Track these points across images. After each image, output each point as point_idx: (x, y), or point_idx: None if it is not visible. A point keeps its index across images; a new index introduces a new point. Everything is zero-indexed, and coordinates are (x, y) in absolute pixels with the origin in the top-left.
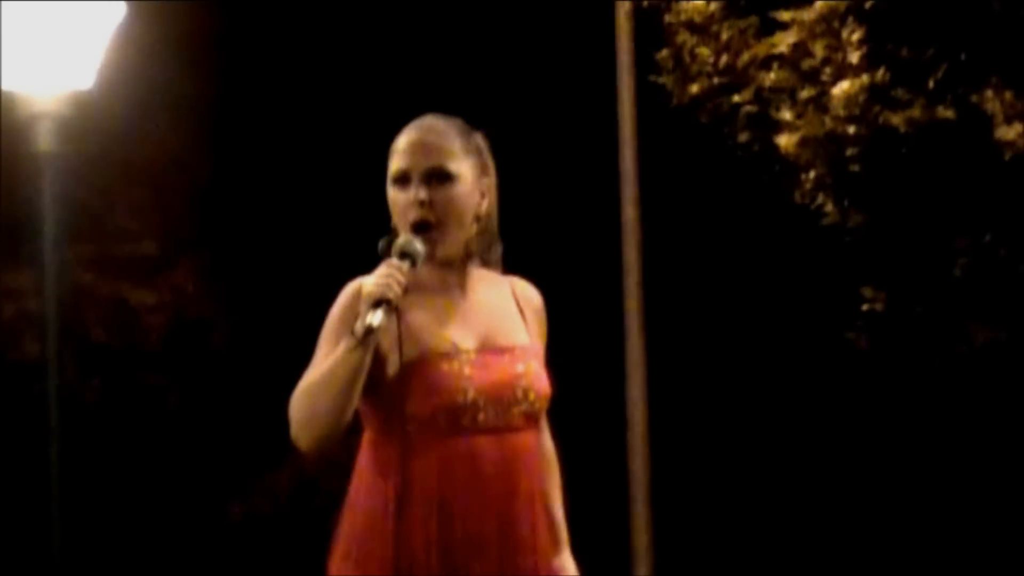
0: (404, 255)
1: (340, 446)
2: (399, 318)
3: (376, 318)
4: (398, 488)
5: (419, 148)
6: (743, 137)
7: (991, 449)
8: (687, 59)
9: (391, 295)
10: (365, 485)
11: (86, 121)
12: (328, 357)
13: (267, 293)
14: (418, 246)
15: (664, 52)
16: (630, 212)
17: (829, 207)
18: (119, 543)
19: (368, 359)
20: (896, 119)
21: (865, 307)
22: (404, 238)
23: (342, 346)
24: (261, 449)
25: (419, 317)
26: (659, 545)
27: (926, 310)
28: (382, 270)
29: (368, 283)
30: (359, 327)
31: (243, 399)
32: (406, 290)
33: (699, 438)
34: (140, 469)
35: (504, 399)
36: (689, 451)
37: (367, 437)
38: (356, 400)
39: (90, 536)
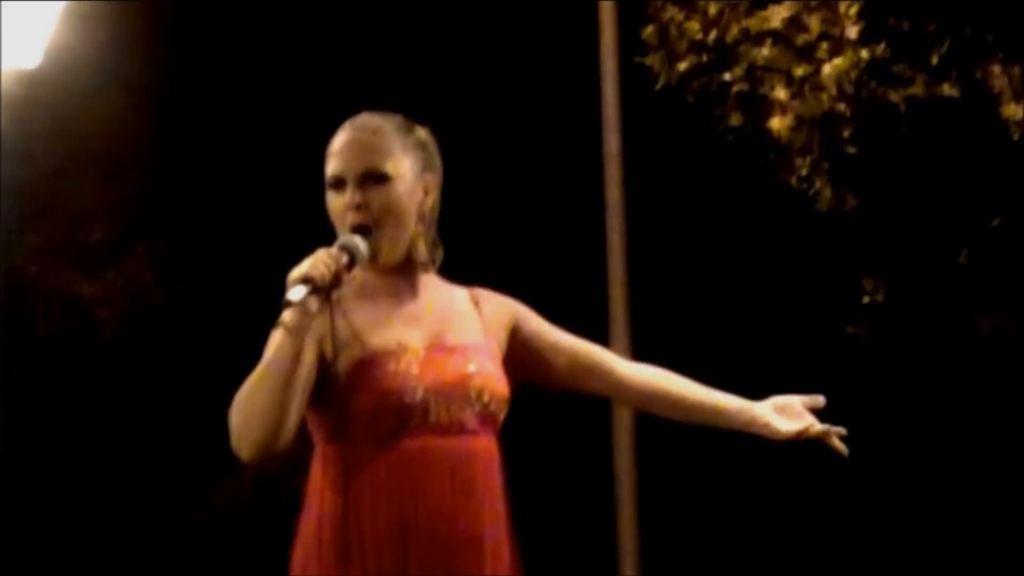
0: (343, 248)
1: (303, 445)
2: (344, 319)
3: (296, 293)
4: (346, 503)
5: (352, 149)
6: (735, 120)
7: (997, 447)
8: (674, 34)
9: (316, 275)
10: (314, 502)
11: (34, 101)
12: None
13: (224, 281)
14: (360, 244)
15: (649, 28)
16: (614, 195)
17: (826, 192)
18: (75, 546)
19: (303, 352)
20: (896, 96)
21: (866, 299)
22: (348, 236)
23: (272, 339)
24: (222, 448)
25: (364, 319)
26: (645, 540)
27: (929, 300)
28: (315, 253)
29: (297, 267)
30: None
31: (202, 395)
32: (338, 280)
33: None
34: (97, 469)
35: (456, 398)
36: (678, 442)
37: (317, 452)
38: (297, 397)
39: (46, 539)
